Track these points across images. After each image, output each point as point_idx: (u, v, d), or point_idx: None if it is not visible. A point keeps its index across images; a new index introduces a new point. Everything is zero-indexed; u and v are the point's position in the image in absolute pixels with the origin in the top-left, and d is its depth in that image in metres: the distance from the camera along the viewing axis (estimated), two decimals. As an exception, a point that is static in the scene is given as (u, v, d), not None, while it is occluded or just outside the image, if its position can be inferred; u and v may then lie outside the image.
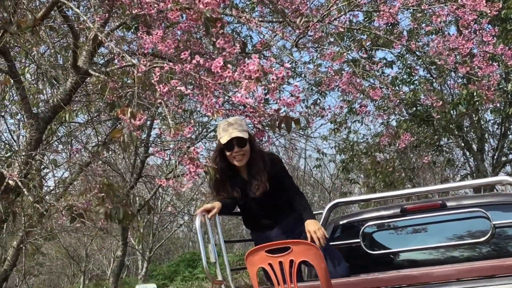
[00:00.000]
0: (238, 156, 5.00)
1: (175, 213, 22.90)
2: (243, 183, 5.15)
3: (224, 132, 4.95)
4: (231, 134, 4.90)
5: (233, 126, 4.91)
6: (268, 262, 4.52)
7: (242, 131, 4.91)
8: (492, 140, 17.04)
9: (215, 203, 5.02)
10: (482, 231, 5.44)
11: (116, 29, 7.01)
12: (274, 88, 3.78)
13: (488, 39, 7.61)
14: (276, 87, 3.79)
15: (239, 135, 4.89)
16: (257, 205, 5.21)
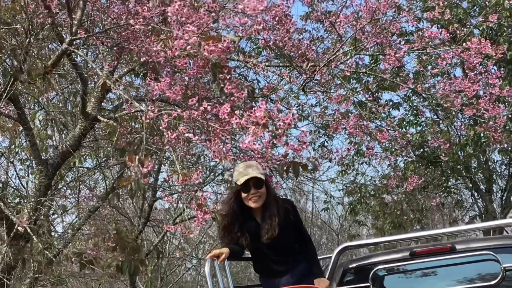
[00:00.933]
0: (255, 197, 4.97)
1: (183, 257, 22.83)
2: (256, 227, 5.10)
3: (241, 174, 4.93)
4: (249, 174, 4.89)
5: (252, 168, 4.90)
6: (279, 307, 4.52)
7: (260, 173, 4.91)
8: (501, 181, 17.00)
9: (223, 249, 4.98)
10: (492, 274, 5.41)
11: (124, 75, 7.10)
12: (281, 134, 3.81)
13: (494, 81, 7.67)
14: (283, 132, 3.82)
15: (257, 175, 4.87)
16: (269, 250, 5.14)
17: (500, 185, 17.12)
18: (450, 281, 5.82)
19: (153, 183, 13.19)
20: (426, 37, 7.85)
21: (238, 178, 4.94)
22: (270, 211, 4.99)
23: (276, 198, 5.12)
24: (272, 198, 5.05)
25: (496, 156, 15.92)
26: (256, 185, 4.94)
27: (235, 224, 5.08)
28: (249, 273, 30.40)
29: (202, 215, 4.33)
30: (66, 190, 11.12)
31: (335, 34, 7.96)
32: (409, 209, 15.73)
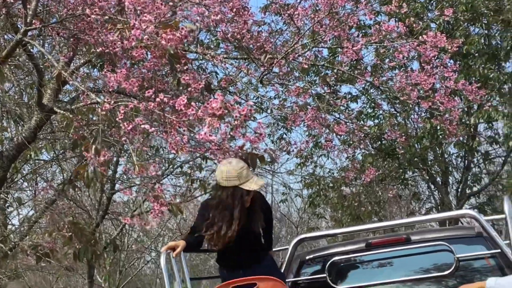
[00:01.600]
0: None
1: (142, 250, 22.71)
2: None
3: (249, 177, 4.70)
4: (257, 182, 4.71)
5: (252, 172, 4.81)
6: (234, 299, 4.53)
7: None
8: (456, 173, 17.23)
9: (179, 242, 4.93)
10: (447, 264, 5.49)
11: (81, 67, 7.03)
12: (238, 125, 3.81)
13: (450, 75, 7.76)
14: (240, 124, 3.82)
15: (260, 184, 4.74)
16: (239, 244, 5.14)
17: (456, 177, 17.37)
18: (405, 271, 5.88)
19: (111, 176, 13.10)
20: (384, 30, 7.90)
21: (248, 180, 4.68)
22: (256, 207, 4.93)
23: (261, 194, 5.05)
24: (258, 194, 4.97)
25: (452, 148, 16.14)
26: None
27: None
28: (208, 266, 30.40)
29: (159, 207, 4.30)
30: (23, 183, 11.00)
31: (294, 26, 7.97)
32: (367, 201, 15.88)
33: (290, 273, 5.90)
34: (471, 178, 15.99)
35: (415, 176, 16.91)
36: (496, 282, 3.89)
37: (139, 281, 34.43)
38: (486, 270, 5.62)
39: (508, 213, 4.18)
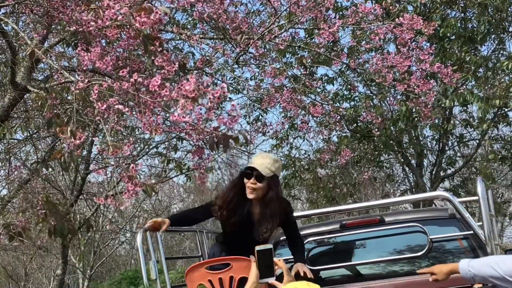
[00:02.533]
0: (250, 188, 5.00)
1: (117, 230, 22.68)
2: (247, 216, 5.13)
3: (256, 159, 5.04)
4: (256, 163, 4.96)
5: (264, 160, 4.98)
6: (208, 279, 4.53)
7: (268, 169, 4.94)
8: (431, 155, 17.35)
9: (165, 219, 4.99)
10: (420, 246, 5.54)
11: (55, 45, 6.95)
12: (211, 107, 3.79)
13: (425, 57, 7.77)
14: (213, 106, 3.80)
15: (259, 168, 4.92)
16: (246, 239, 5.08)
17: (431, 159, 17.50)
18: (379, 252, 5.92)
19: (86, 156, 13.03)
20: (360, 12, 7.89)
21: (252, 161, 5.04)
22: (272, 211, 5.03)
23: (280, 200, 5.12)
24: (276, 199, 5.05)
25: (427, 131, 16.23)
26: (257, 177, 4.96)
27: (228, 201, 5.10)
28: (183, 247, 30.45)
29: (133, 187, 4.28)
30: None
31: (270, 7, 7.94)
32: (342, 183, 15.93)
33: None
34: (446, 161, 16.10)
35: (390, 158, 17.01)
36: (469, 264, 3.92)
37: (114, 262, 34.45)
38: (459, 251, 5.67)
39: (480, 194, 4.21)
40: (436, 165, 16.17)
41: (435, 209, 7.08)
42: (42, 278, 29.57)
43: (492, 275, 3.78)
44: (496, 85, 11.56)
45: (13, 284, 28.38)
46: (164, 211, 25.73)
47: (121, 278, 30.10)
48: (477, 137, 15.89)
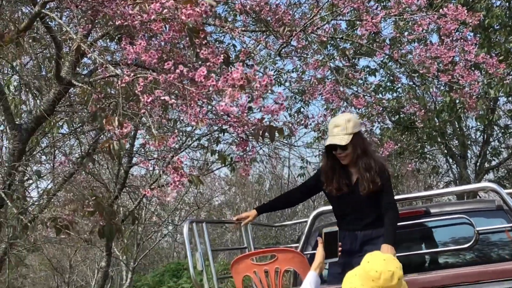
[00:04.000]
0: (340, 157, 5.17)
1: (160, 223, 22.82)
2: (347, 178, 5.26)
3: (329, 133, 5.15)
4: (330, 139, 5.10)
5: (337, 129, 5.08)
6: (253, 270, 4.54)
7: (345, 134, 5.05)
8: (475, 147, 17.15)
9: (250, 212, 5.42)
10: (466, 238, 5.48)
11: (99, 39, 7.01)
12: (258, 95, 3.79)
13: (469, 48, 7.67)
14: (260, 94, 3.81)
15: (336, 142, 5.06)
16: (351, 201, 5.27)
17: (475, 151, 17.30)
18: (424, 244, 5.88)
19: (129, 149, 13.12)
20: (403, 3, 7.82)
21: (327, 137, 5.21)
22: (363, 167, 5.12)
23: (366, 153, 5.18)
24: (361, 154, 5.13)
25: (471, 122, 16.06)
26: (340, 147, 5.10)
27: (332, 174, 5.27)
28: (225, 239, 30.56)
29: (178, 178, 4.30)
30: (41, 156, 11.04)
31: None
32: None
33: (309, 246, 5.92)
34: (490, 152, 15.91)
35: (433, 150, 16.84)
36: None
37: (157, 254, 34.70)
38: (507, 243, 5.61)
39: (529, 185, 4.14)
40: (481, 157, 15.98)
41: (482, 201, 6.99)
42: (87, 271, 29.90)
43: None
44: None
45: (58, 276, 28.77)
46: (206, 204, 25.84)
47: (164, 270, 30.32)
48: (523, 128, 15.67)
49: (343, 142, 5.03)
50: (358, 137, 5.14)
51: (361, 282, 3.14)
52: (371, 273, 3.12)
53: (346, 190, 5.25)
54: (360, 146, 5.13)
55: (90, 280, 29.09)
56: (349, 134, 5.05)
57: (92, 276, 28.48)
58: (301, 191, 5.70)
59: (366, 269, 3.15)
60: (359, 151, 5.11)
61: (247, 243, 5.86)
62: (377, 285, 3.11)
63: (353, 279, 3.21)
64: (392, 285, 3.15)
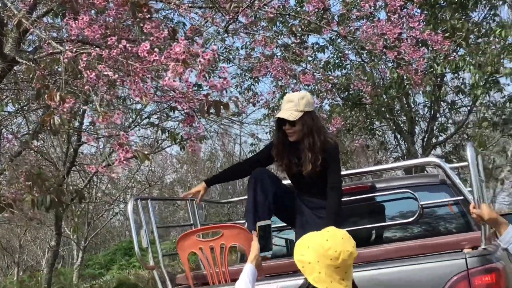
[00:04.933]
0: (289, 133, 5.19)
1: (110, 201, 22.71)
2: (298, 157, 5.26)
3: (282, 107, 5.18)
4: (280, 113, 5.11)
5: (290, 105, 5.09)
6: (199, 247, 4.56)
7: (296, 111, 5.05)
8: (423, 123, 17.37)
9: (199, 186, 5.41)
10: (411, 211, 5.57)
11: (43, 16, 6.89)
12: (202, 70, 3.78)
13: (415, 25, 7.75)
14: (204, 69, 3.79)
15: (284, 116, 5.05)
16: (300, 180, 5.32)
17: (422, 127, 17.52)
18: (370, 218, 5.96)
19: (78, 127, 12.99)
20: (351, -21, 7.88)
21: (280, 110, 5.20)
22: (309, 144, 5.12)
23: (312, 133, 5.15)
24: (308, 133, 5.12)
25: (419, 98, 16.24)
26: (289, 123, 5.11)
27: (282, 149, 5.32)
28: (177, 217, 30.54)
29: (124, 154, 4.28)
30: (-13, 135, 10.86)
31: (260, -25, 7.88)
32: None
33: (260, 221, 5.94)
34: (437, 128, 16.13)
35: (382, 126, 17.02)
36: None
37: (108, 233, 34.54)
38: (450, 217, 5.73)
39: (470, 160, 4.22)
40: (428, 132, 16.18)
41: (426, 175, 7.11)
42: (37, 250, 29.66)
43: None
44: (488, 51, 11.53)
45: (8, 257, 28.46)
46: (158, 182, 25.77)
47: (116, 249, 30.27)
48: (468, 103, 15.89)
49: (291, 117, 5.04)
50: (309, 116, 5.14)
51: (317, 258, 3.15)
52: (330, 252, 3.13)
53: (295, 168, 5.28)
54: (309, 125, 5.13)
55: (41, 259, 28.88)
56: (300, 111, 5.06)
57: (42, 256, 28.28)
58: (250, 163, 5.70)
59: (324, 247, 3.15)
60: (305, 129, 5.11)
61: (193, 220, 5.86)
62: (334, 263, 3.13)
63: (306, 252, 3.21)
64: (349, 263, 3.19)
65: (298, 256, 3.27)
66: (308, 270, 3.20)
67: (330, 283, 3.15)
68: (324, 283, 3.16)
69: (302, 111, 5.08)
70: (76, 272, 23.90)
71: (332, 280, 3.16)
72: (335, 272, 3.16)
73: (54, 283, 19.30)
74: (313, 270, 3.18)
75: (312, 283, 3.20)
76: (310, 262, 3.19)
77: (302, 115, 5.08)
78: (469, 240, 4.50)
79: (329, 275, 3.16)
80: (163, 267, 4.86)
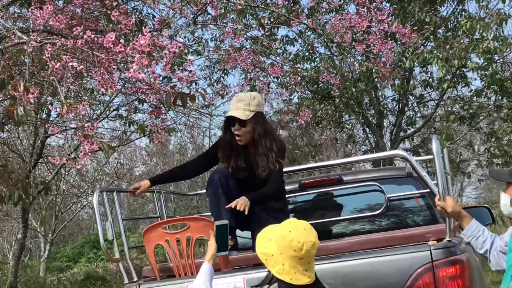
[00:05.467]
0: (237, 134, 4.99)
1: (78, 194, 22.53)
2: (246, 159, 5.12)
3: (232, 106, 4.96)
4: (232, 110, 4.90)
5: (241, 104, 4.90)
6: (165, 239, 4.54)
7: (248, 110, 4.88)
8: (391, 116, 17.47)
9: (142, 182, 5.15)
10: (378, 204, 5.59)
11: (9, 5, 6.81)
12: (167, 62, 3.76)
13: (383, 18, 7.78)
14: (169, 61, 3.77)
15: (236, 115, 4.86)
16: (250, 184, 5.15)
17: (391, 120, 17.63)
18: (338, 211, 5.98)
19: (45, 119, 12.86)
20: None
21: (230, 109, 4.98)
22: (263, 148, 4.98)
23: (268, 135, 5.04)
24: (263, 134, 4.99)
25: (388, 92, 16.32)
26: (239, 123, 4.93)
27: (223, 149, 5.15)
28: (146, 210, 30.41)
29: (89, 146, 4.24)
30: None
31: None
32: (303, 144, 15.95)
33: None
34: (406, 121, 16.20)
35: (351, 119, 17.06)
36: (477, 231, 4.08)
37: (76, 226, 34.33)
38: (416, 209, 5.78)
39: (435, 152, 4.25)
40: (396, 126, 16.25)
41: (393, 168, 7.16)
42: (3, 243, 29.41)
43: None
44: (455, 45, 11.60)
45: (-26, 249, 28.21)
46: (126, 174, 25.64)
47: (84, 241, 30.08)
48: (436, 97, 16.00)
49: (243, 116, 4.87)
50: (259, 117, 5.01)
51: (280, 250, 3.16)
52: (293, 243, 3.14)
53: (243, 173, 5.16)
54: (262, 126, 5.01)
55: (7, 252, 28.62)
56: (251, 111, 4.92)
57: (9, 249, 28.02)
58: (197, 164, 5.51)
59: (287, 238, 3.16)
60: (260, 130, 4.97)
61: (160, 212, 5.83)
62: (298, 254, 3.14)
63: (268, 244, 3.22)
64: (312, 254, 3.20)
65: (260, 249, 3.27)
66: (271, 262, 3.21)
67: (294, 274, 3.16)
68: (288, 275, 3.16)
69: (253, 111, 4.94)
70: (43, 265, 23.74)
71: (296, 271, 3.16)
72: (298, 263, 3.17)
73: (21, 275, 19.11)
74: (277, 262, 3.19)
75: (276, 275, 3.21)
76: (273, 255, 3.19)
77: (254, 115, 4.94)
78: (434, 233, 4.53)
79: (293, 267, 3.16)
80: (129, 259, 4.82)
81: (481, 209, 6.08)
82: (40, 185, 9.67)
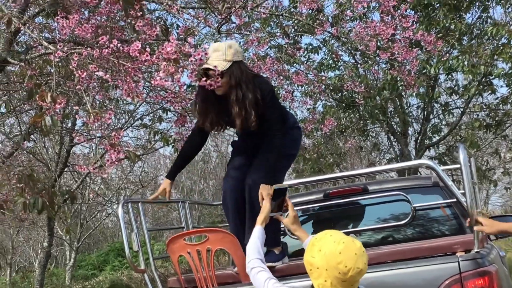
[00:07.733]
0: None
1: (103, 202, 22.65)
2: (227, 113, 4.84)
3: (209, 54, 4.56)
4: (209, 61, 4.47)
5: (216, 54, 4.61)
6: (187, 250, 4.54)
7: (224, 60, 4.59)
8: (416, 124, 17.40)
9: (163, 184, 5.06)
10: (404, 214, 5.55)
11: (35, 16, 6.85)
12: (193, 69, 3.76)
13: (408, 25, 7.74)
14: (195, 68, 3.76)
15: (210, 66, 4.47)
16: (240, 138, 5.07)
17: (416, 128, 17.54)
18: (363, 221, 5.94)
19: (70, 128, 12.96)
20: (344, -20, 7.85)
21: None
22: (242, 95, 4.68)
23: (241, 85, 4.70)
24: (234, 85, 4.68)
25: (412, 100, 16.25)
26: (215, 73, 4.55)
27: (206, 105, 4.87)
28: (170, 218, 30.48)
29: (115, 155, 4.24)
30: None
31: (253, -25, 7.86)
32: (327, 153, 15.93)
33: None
34: (431, 129, 16.13)
35: (375, 127, 17.01)
36: None
37: (101, 234, 34.50)
38: (443, 219, 5.70)
39: (462, 162, 4.20)
40: (421, 134, 16.19)
41: (419, 178, 7.09)
42: (30, 251, 29.58)
43: None
44: (481, 52, 11.53)
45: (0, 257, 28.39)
46: (151, 183, 25.73)
47: (109, 249, 30.18)
48: (462, 105, 15.90)
49: (220, 67, 4.54)
50: (237, 66, 4.69)
51: (327, 267, 3.14)
52: (340, 266, 3.12)
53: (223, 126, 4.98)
54: (236, 76, 4.67)
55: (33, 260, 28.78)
56: (228, 61, 4.62)
57: (35, 257, 28.17)
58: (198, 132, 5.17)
59: (336, 259, 3.13)
60: (233, 81, 4.66)
61: (185, 223, 5.82)
62: (343, 277, 3.13)
63: (317, 255, 3.21)
64: (357, 279, 3.19)
65: (308, 257, 3.26)
66: (315, 274, 3.20)
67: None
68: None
69: (230, 61, 4.63)
70: (68, 273, 23.84)
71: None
72: (341, 284, 3.16)
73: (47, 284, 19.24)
74: (320, 276, 3.18)
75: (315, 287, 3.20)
76: (319, 268, 3.18)
77: (231, 65, 4.64)
78: (461, 243, 4.47)
79: (334, 285, 3.16)
80: (154, 270, 4.82)
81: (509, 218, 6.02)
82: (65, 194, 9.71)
